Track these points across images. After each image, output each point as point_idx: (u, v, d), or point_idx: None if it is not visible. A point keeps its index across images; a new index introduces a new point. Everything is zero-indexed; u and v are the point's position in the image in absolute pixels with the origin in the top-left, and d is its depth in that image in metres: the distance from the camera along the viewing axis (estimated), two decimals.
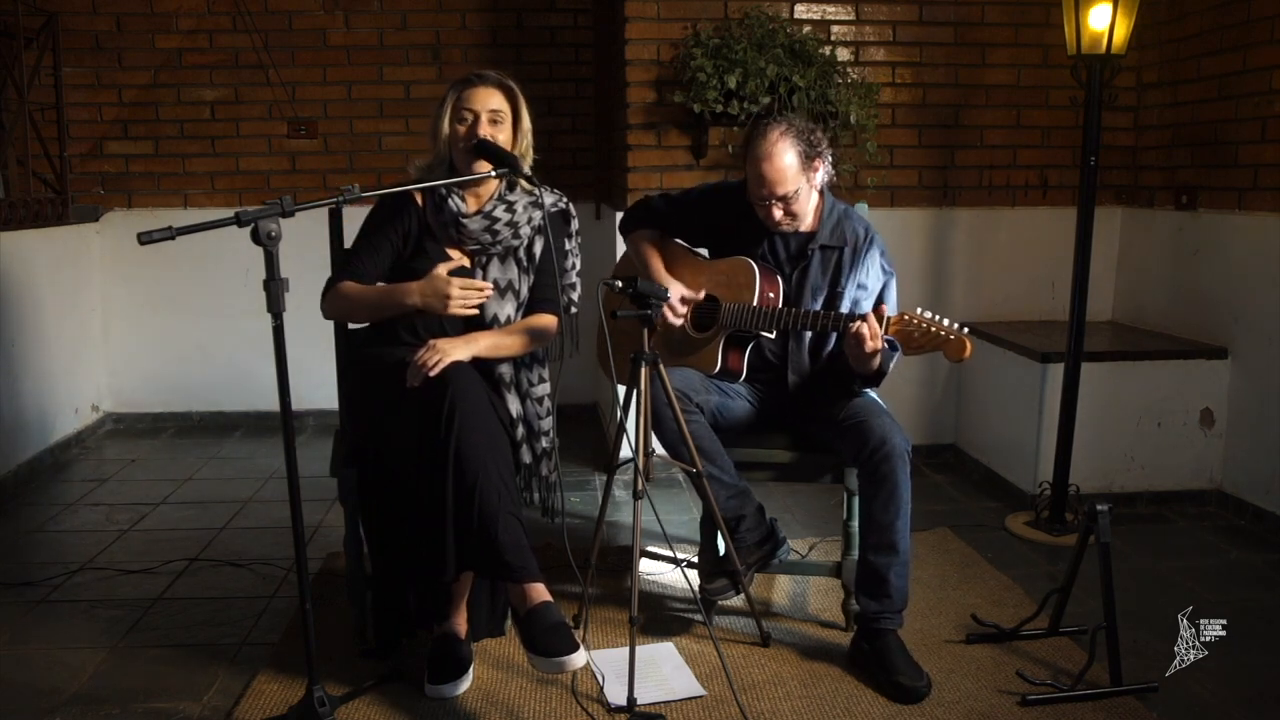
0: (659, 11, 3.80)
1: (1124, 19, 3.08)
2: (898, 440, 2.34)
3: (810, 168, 2.45)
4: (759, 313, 2.46)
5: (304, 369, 3.13)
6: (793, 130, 2.43)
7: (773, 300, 2.50)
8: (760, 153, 2.41)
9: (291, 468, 1.98)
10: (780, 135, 2.41)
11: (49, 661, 2.43)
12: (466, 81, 2.36)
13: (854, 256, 2.51)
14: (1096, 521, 2.33)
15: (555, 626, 2.05)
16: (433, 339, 2.26)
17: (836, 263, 2.53)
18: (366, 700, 2.24)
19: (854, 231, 2.53)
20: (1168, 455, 3.59)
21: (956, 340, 2.14)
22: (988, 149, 4.07)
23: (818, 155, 2.45)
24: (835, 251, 2.53)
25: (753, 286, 2.49)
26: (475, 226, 2.35)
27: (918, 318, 2.20)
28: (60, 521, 3.45)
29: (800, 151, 2.42)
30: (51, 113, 4.39)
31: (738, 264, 2.56)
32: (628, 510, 3.44)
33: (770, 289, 2.51)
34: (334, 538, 3.13)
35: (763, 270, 2.52)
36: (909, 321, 2.21)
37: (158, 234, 1.81)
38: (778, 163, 2.40)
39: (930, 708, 2.24)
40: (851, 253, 2.52)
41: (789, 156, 2.40)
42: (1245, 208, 3.49)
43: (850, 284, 2.51)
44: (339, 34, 4.63)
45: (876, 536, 2.36)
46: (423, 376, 2.17)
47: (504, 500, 2.10)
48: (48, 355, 4.17)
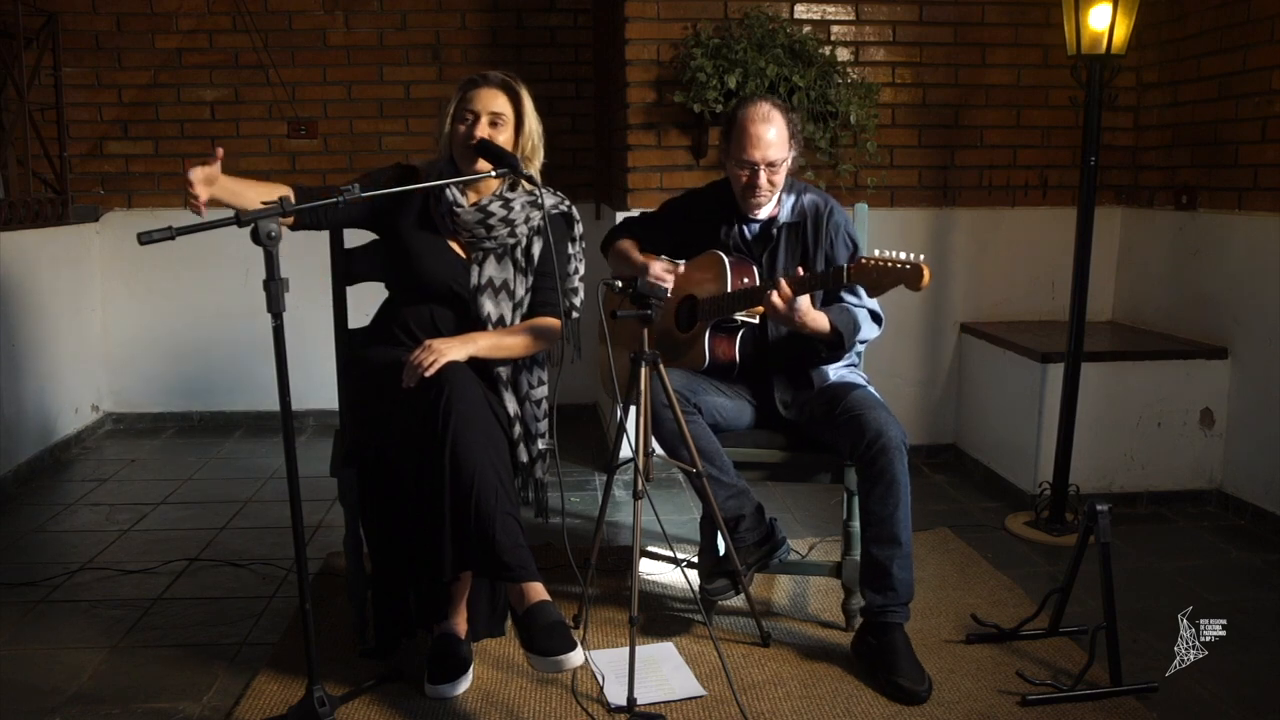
0: (659, 11, 3.80)
1: (1124, 19, 3.08)
2: (894, 432, 2.34)
3: (794, 142, 2.53)
4: (733, 296, 2.49)
5: (304, 369, 3.13)
6: (781, 105, 2.54)
7: (748, 284, 2.52)
8: (752, 116, 2.49)
9: (291, 468, 1.99)
10: (772, 105, 2.52)
11: (49, 661, 2.43)
12: (472, 82, 2.37)
13: (816, 228, 2.57)
14: (1096, 521, 2.33)
15: (553, 625, 2.05)
16: (429, 339, 2.26)
17: (802, 238, 2.58)
18: (366, 700, 2.24)
19: (812, 203, 2.59)
20: (1168, 455, 3.59)
21: (914, 269, 2.16)
22: (988, 149, 4.07)
23: (799, 135, 2.55)
24: (799, 227, 2.58)
25: (724, 275, 2.52)
26: (468, 218, 2.35)
27: (873, 258, 2.22)
28: (60, 521, 3.45)
29: (788, 124, 2.51)
30: (51, 113, 4.40)
31: (708, 259, 2.59)
32: (628, 510, 3.44)
33: (743, 275, 2.54)
34: (334, 538, 3.13)
35: (733, 259, 2.55)
36: (865, 264, 2.22)
37: (158, 234, 1.81)
38: (771, 126, 2.48)
39: (930, 708, 2.24)
40: (814, 225, 2.57)
41: (781, 123, 2.50)
42: (1245, 208, 3.48)
43: (819, 257, 2.55)
44: (339, 34, 4.63)
45: (877, 529, 2.37)
46: (418, 377, 2.17)
47: (501, 500, 2.09)
48: (48, 355, 4.17)
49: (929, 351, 4.14)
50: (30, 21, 4.20)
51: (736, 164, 2.52)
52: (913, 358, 4.13)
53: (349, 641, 2.47)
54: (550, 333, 2.41)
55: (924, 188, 4.06)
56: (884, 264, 2.20)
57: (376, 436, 2.30)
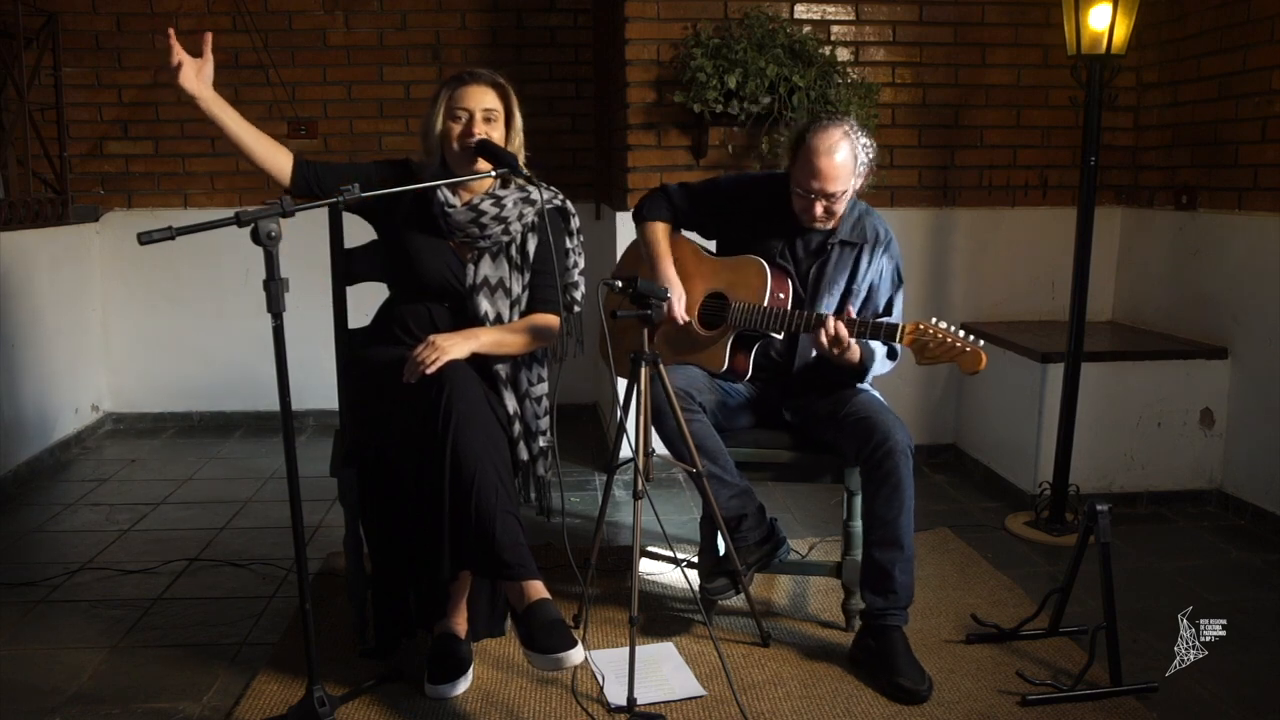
0: (659, 11, 3.80)
1: (1124, 19, 3.08)
2: (900, 436, 2.34)
3: (858, 174, 2.46)
4: (769, 313, 2.46)
5: (304, 369, 3.13)
6: (853, 133, 2.45)
7: (782, 301, 2.50)
8: (820, 146, 2.41)
9: (291, 468, 1.98)
10: (843, 135, 2.43)
11: (49, 661, 2.43)
12: (459, 80, 2.36)
13: (873, 254, 2.54)
14: (1096, 521, 2.33)
15: (553, 623, 2.05)
16: (432, 335, 2.26)
17: (855, 259, 2.55)
18: (366, 700, 2.24)
19: (873, 229, 2.56)
20: (1168, 455, 3.58)
21: (973, 353, 2.16)
22: (988, 149, 4.07)
23: (866, 164, 2.47)
24: (854, 248, 2.55)
25: (764, 287, 2.49)
26: (460, 218, 2.35)
27: (933, 328, 2.20)
28: (60, 521, 3.45)
29: (855, 155, 2.43)
30: (51, 113, 4.39)
31: (749, 263, 2.55)
32: (628, 510, 3.43)
33: (780, 290, 2.51)
34: (334, 538, 3.13)
35: (774, 271, 2.52)
36: (924, 332, 2.22)
37: (158, 234, 1.81)
38: (836, 159, 2.40)
39: (930, 708, 2.24)
40: (870, 250, 2.55)
41: (847, 156, 2.42)
42: (1245, 208, 3.48)
43: (864, 282, 2.54)
44: (339, 34, 4.63)
45: (880, 533, 2.36)
46: (419, 373, 2.17)
47: (501, 498, 2.10)
48: (48, 355, 4.17)
49: None
50: (30, 21, 4.20)
51: (797, 185, 2.47)
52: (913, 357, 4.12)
53: (349, 641, 2.47)
54: (549, 331, 2.41)
55: (924, 188, 4.06)
56: (942, 338, 2.18)
57: (376, 436, 2.30)
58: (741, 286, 2.54)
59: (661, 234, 2.68)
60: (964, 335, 2.18)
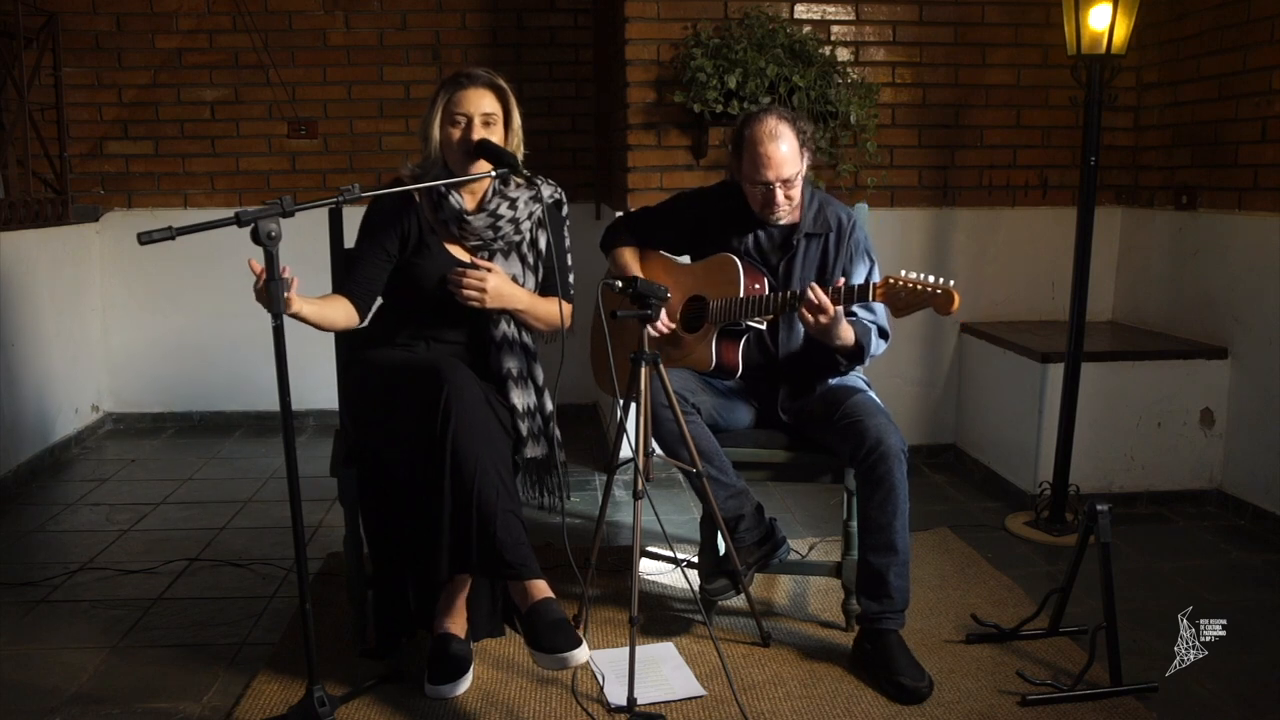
0: (659, 11, 3.80)
1: (1124, 19, 3.08)
2: (893, 440, 2.33)
3: (805, 152, 2.49)
4: (747, 302, 2.48)
5: (304, 369, 3.12)
6: (788, 116, 2.48)
7: (759, 291, 2.51)
8: (762, 135, 2.43)
9: (291, 468, 1.98)
10: (779, 119, 2.46)
11: (49, 661, 2.43)
12: (456, 83, 2.34)
13: (839, 241, 2.56)
14: (1096, 521, 2.33)
15: (558, 623, 2.05)
16: (488, 274, 2.29)
17: (822, 249, 2.57)
18: (366, 700, 2.24)
19: (835, 216, 2.58)
20: (1168, 455, 3.58)
21: (945, 294, 2.15)
22: (988, 149, 4.07)
23: (809, 142, 2.50)
24: (820, 238, 2.57)
25: (738, 280, 2.51)
26: (479, 224, 2.35)
27: (902, 278, 2.20)
28: (60, 521, 3.45)
29: (798, 135, 2.46)
30: (51, 113, 4.39)
31: (720, 261, 2.57)
32: (628, 510, 3.44)
33: (755, 280, 2.53)
34: (334, 538, 3.13)
35: (745, 264, 2.54)
36: (894, 284, 2.21)
37: (158, 234, 1.81)
38: (782, 145, 2.43)
39: (930, 708, 2.24)
40: (836, 238, 2.56)
41: (790, 138, 2.44)
42: (1245, 208, 3.48)
43: (837, 270, 2.54)
44: (339, 34, 4.63)
45: (875, 537, 2.36)
46: (460, 292, 2.24)
47: (502, 498, 2.10)
48: (48, 355, 4.17)
49: (929, 351, 4.14)
50: (30, 21, 4.19)
51: (751, 184, 2.49)
52: (913, 358, 4.13)
53: (349, 641, 2.47)
54: (566, 315, 2.45)
55: (924, 188, 4.06)
56: (914, 286, 2.18)
57: (376, 436, 2.30)
58: (718, 285, 2.56)
59: (630, 255, 2.73)
60: (934, 280, 2.18)
